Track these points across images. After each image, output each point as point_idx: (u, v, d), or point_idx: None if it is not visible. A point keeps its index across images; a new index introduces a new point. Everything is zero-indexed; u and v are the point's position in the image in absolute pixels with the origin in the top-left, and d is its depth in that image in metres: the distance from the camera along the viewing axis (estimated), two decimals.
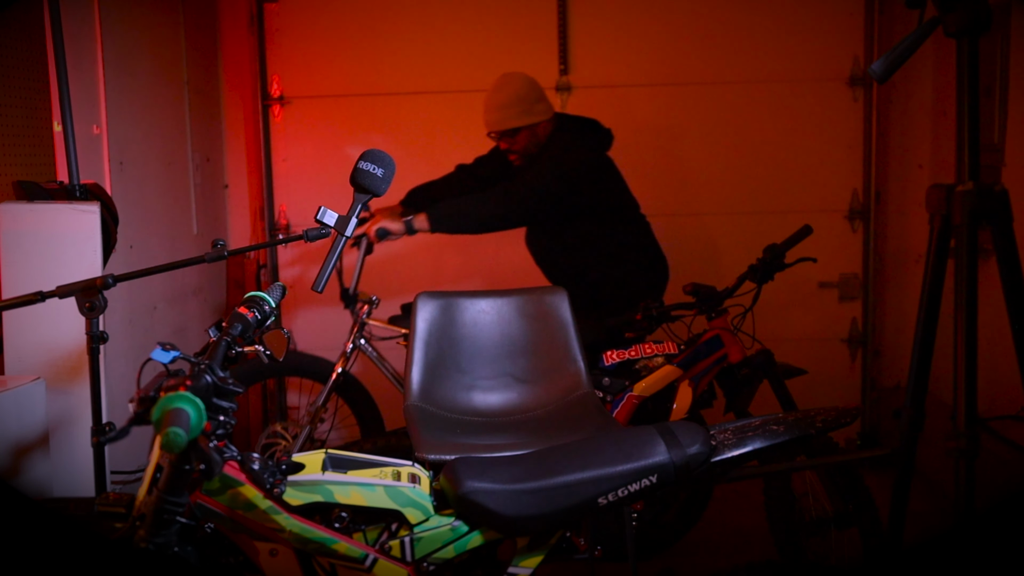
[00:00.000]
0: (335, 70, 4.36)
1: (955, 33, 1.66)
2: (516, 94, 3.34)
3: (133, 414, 1.40)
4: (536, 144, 3.39)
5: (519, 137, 3.37)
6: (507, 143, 3.40)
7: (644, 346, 3.12)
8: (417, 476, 1.73)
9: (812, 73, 4.26)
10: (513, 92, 3.34)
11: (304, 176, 4.45)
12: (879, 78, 1.72)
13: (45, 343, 2.60)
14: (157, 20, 3.70)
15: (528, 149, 3.39)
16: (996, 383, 2.96)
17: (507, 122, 3.34)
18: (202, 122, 4.17)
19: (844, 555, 2.87)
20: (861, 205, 4.32)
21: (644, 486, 1.68)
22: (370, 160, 1.84)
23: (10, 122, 2.88)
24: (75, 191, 2.73)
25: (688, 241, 4.37)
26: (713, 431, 1.77)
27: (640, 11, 4.27)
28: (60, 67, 2.72)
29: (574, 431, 2.39)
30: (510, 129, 3.35)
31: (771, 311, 3.34)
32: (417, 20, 4.32)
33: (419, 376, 2.67)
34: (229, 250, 2.28)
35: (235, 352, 1.63)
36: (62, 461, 2.56)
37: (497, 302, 2.82)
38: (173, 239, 3.77)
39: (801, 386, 3.12)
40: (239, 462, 1.56)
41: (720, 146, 4.31)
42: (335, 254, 1.84)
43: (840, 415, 1.81)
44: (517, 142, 3.38)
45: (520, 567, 1.74)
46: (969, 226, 1.66)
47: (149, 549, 1.47)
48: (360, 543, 1.66)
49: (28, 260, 2.60)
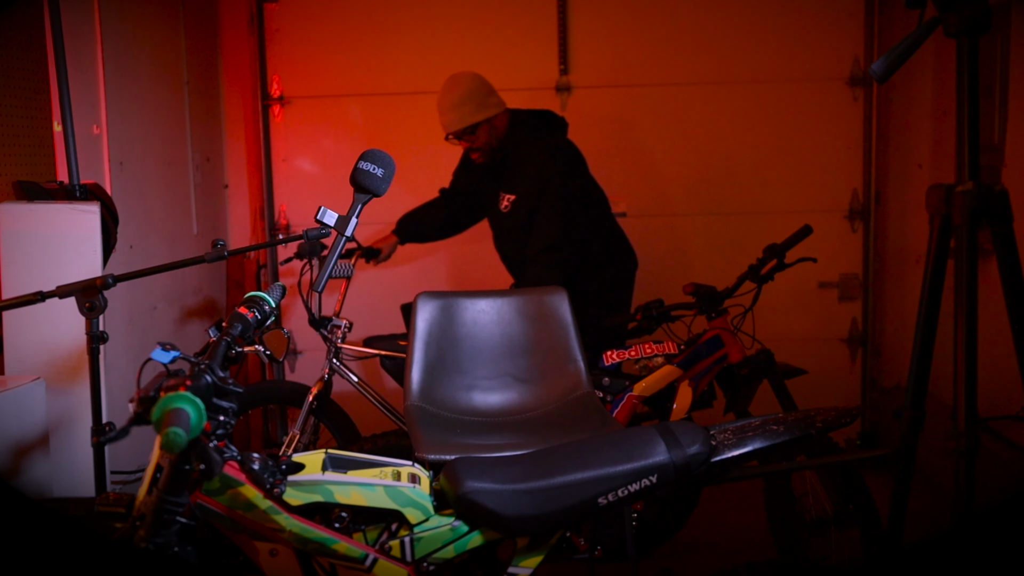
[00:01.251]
0: (335, 70, 4.36)
1: (955, 33, 1.65)
2: (468, 91, 3.37)
3: (133, 414, 1.40)
4: (496, 138, 3.41)
5: (479, 133, 3.39)
6: (467, 141, 3.43)
7: (644, 346, 3.12)
8: (417, 476, 1.73)
9: (812, 73, 4.26)
10: (464, 90, 3.37)
11: (304, 176, 4.45)
12: (879, 78, 1.72)
13: (45, 343, 2.60)
14: (157, 20, 3.70)
15: (489, 144, 3.42)
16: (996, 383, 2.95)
17: (464, 120, 3.36)
18: (202, 122, 4.17)
19: (844, 555, 2.87)
20: (861, 205, 4.32)
21: (644, 486, 1.68)
22: (370, 160, 1.84)
23: (10, 122, 2.88)
24: (75, 191, 2.73)
25: (688, 241, 4.37)
26: (713, 431, 1.77)
27: (640, 11, 4.27)
28: (60, 67, 2.72)
29: (574, 431, 2.39)
30: (468, 127, 3.37)
31: (771, 311, 3.34)
32: (417, 20, 4.32)
33: (419, 376, 2.67)
34: (229, 250, 2.28)
35: (235, 352, 1.63)
36: (62, 461, 2.56)
37: (497, 302, 2.82)
38: (173, 239, 3.77)
39: (801, 386, 3.12)
40: (239, 462, 1.56)
41: (720, 146, 4.31)
42: (335, 254, 1.84)
43: (840, 415, 1.81)
44: (477, 139, 3.41)
45: (520, 567, 1.74)
46: (969, 226, 1.66)
47: (149, 549, 1.47)
48: (360, 543, 1.66)
49: (28, 260, 2.60)
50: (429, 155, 4.17)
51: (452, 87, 3.40)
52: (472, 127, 3.38)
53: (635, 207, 4.32)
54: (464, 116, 3.36)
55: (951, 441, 1.63)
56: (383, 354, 3.35)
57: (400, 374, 3.34)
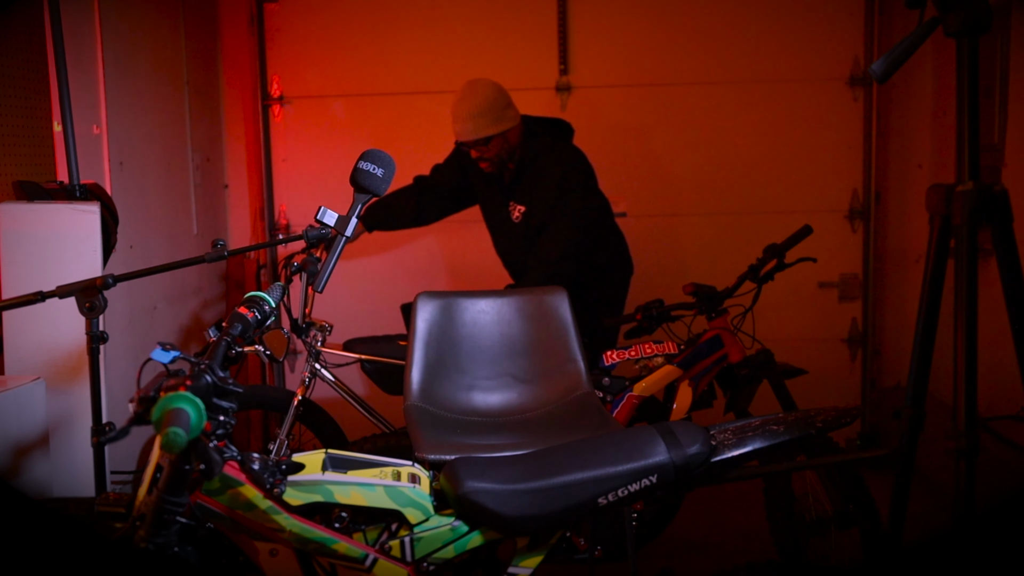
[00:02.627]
0: (335, 70, 4.36)
1: (955, 33, 1.66)
2: (486, 103, 3.30)
3: (133, 414, 1.40)
4: (508, 150, 3.36)
5: (491, 145, 3.34)
6: (479, 151, 3.38)
7: (644, 346, 3.12)
8: (417, 476, 1.73)
9: (812, 73, 4.26)
10: (483, 100, 3.31)
11: (304, 176, 4.45)
12: (879, 78, 1.72)
13: (45, 343, 2.60)
14: (157, 20, 3.70)
15: (500, 156, 3.37)
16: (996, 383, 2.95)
17: (479, 132, 3.30)
18: (202, 122, 4.17)
19: (844, 555, 2.87)
20: (861, 205, 4.32)
21: (644, 486, 1.68)
22: (370, 160, 1.84)
23: (10, 122, 2.88)
24: (75, 191, 2.73)
25: (687, 241, 4.37)
26: (713, 431, 1.77)
27: (640, 11, 4.27)
28: (60, 67, 2.72)
29: (574, 431, 2.39)
30: (483, 138, 3.33)
31: (771, 311, 3.34)
32: (417, 20, 4.32)
33: (419, 376, 2.67)
34: (229, 250, 2.28)
35: (235, 352, 1.63)
36: (62, 461, 2.56)
37: (497, 302, 2.82)
38: (173, 239, 3.77)
39: (801, 386, 3.12)
40: (239, 462, 1.56)
41: (720, 146, 4.31)
42: (335, 254, 1.84)
43: (840, 415, 1.81)
44: (489, 149, 3.35)
45: (520, 567, 1.74)
46: (969, 226, 1.66)
47: (149, 549, 1.47)
48: (360, 543, 1.66)
49: (28, 260, 2.60)
50: (429, 155, 4.17)
51: (470, 95, 3.33)
52: (486, 138, 3.33)
53: (635, 207, 4.32)
54: (480, 127, 3.30)
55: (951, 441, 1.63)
56: (363, 358, 3.34)
57: (381, 378, 3.34)
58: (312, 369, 3.28)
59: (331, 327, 3.34)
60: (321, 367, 3.30)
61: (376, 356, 3.32)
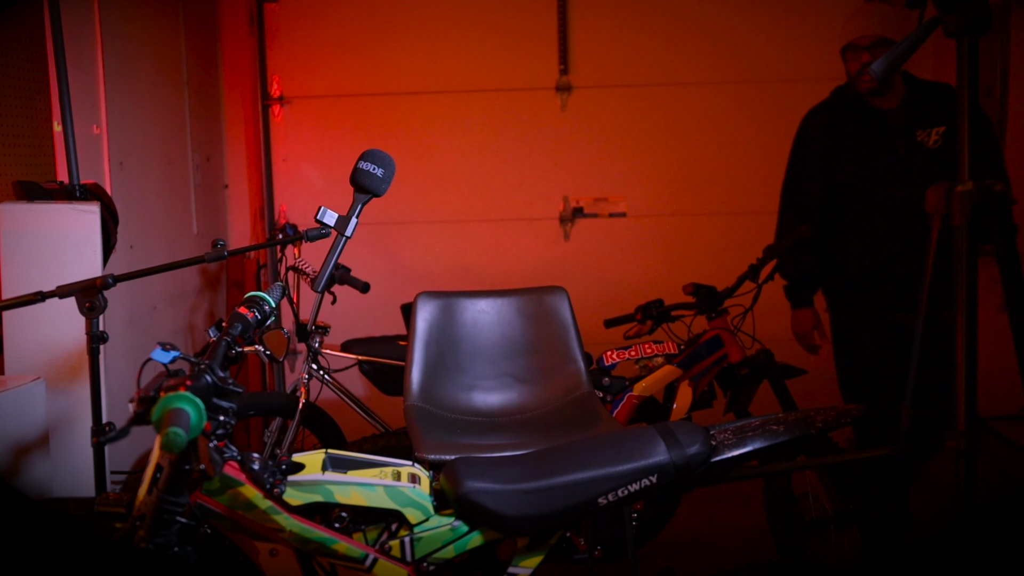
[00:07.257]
0: (335, 70, 4.36)
1: (955, 33, 1.65)
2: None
3: (133, 414, 1.40)
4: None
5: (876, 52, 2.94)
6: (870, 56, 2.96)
7: (644, 346, 3.12)
8: (417, 476, 1.73)
9: (812, 73, 4.25)
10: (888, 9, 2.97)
11: (304, 176, 4.45)
12: (879, 78, 1.72)
13: (45, 343, 2.60)
14: (157, 20, 3.70)
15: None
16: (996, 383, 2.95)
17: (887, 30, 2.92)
18: (202, 122, 4.17)
19: (844, 555, 2.87)
20: None
21: (644, 486, 1.68)
22: (370, 160, 1.83)
23: (10, 122, 2.88)
24: (75, 191, 2.73)
25: (688, 241, 4.36)
26: (713, 431, 1.77)
27: (640, 11, 4.27)
28: (60, 67, 2.72)
29: (574, 431, 2.39)
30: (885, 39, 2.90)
31: (771, 311, 3.34)
32: (417, 20, 4.32)
33: (419, 376, 2.67)
34: (229, 250, 2.28)
35: (235, 352, 1.63)
36: (62, 461, 2.56)
37: (497, 302, 2.82)
38: (173, 239, 3.77)
39: (801, 386, 3.12)
40: (239, 462, 1.56)
41: (720, 146, 4.31)
42: (335, 254, 1.84)
43: (840, 415, 1.81)
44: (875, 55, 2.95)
45: (520, 567, 1.74)
46: (969, 226, 1.66)
47: (149, 549, 1.47)
48: (360, 543, 1.66)
49: (28, 260, 2.60)
50: (429, 155, 4.17)
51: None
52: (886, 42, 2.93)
53: (635, 207, 4.32)
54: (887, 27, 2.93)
55: (951, 441, 1.63)
56: (361, 359, 3.34)
57: (379, 378, 3.34)
58: (310, 370, 3.28)
59: (328, 328, 3.34)
60: (319, 368, 3.30)
61: (374, 357, 3.32)
